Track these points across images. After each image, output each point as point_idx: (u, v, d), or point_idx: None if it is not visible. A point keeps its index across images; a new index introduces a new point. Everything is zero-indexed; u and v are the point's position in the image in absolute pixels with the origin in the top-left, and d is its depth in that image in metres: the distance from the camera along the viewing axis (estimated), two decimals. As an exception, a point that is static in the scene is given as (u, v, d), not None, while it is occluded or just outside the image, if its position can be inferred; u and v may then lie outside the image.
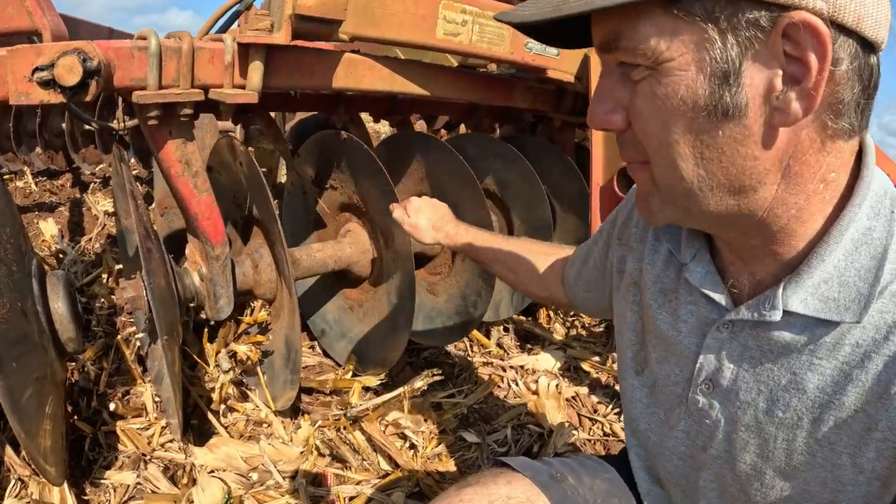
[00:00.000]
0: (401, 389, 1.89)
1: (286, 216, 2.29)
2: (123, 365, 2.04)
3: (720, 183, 0.68)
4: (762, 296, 0.75)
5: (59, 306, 1.65)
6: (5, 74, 1.41)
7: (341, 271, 2.07)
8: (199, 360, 1.92)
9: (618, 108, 0.71)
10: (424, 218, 1.47)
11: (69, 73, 1.37)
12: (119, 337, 2.00)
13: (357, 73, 1.81)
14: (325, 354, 2.24)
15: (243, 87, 1.65)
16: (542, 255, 1.38)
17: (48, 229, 3.04)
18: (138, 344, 1.96)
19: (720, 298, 0.81)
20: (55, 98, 1.42)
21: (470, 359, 2.37)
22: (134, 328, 2.24)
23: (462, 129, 3.03)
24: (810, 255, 0.71)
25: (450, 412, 2.05)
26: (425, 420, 1.99)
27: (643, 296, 0.97)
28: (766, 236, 0.73)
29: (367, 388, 2.02)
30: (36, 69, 1.39)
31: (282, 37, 1.59)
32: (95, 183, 4.06)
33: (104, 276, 2.50)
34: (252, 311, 1.90)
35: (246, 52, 1.61)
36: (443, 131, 3.16)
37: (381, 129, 4.83)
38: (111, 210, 3.40)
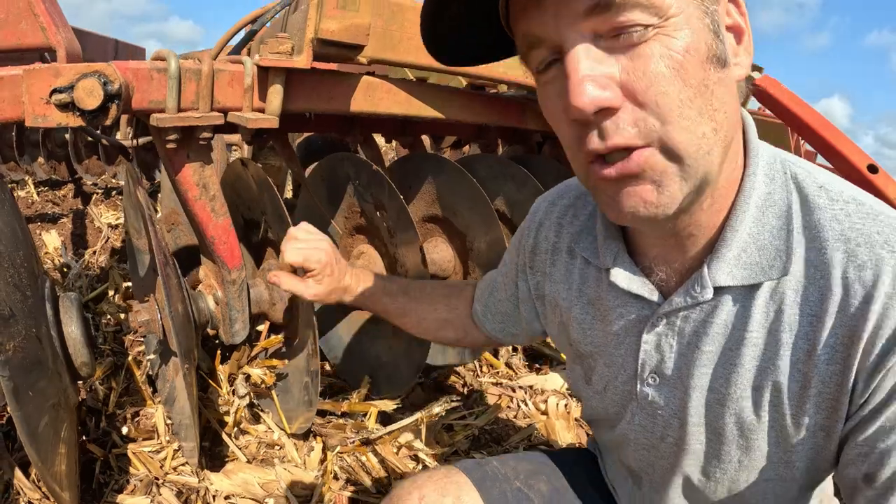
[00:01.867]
0: (418, 415, 1.81)
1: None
2: (132, 385, 1.95)
3: (723, 136, 0.68)
4: (690, 280, 0.77)
5: (72, 330, 1.56)
6: (20, 95, 1.33)
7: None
8: (212, 383, 1.84)
9: (610, 84, 0.64)
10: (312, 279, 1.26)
11: (89, 96, 1.29)
12: (130, 358, 1.91)
13: (375, 97, 1.74)
14: (336, 374, 2.16)
15: (262, 111, 1.58)
16: (444, 297, 1.30)
17: (51, 241, 2.93)
18: (148, 365, 1.87)
19: (650, 294, 0.83)
20: (74, 121, 1.34)
21: (479, 378, 2.30)
22: (142, 347, 2.16)
23: (467, 147, 2.98)
24: (723, 229, 0.74)
25: (461, 433, 1.97)
26: (437, 442, 1.92)
27: (567, 314, 0.98)
28: (705, 208, 0.73)
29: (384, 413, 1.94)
30: (54, 91, 1.31)
31: (303, 60, 1.51)
32: (98, 194, 3.94)
33: (111, 292, 2.41)
34: (265, 333, 1.81)
35: (266, 75, 1.53)
36: (448, 150, 3.10)
37: (384, 147, 4.77)
38: (114, 222, 3.31)
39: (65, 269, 2.64)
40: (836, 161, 1.93)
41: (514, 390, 2.27)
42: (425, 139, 3.12)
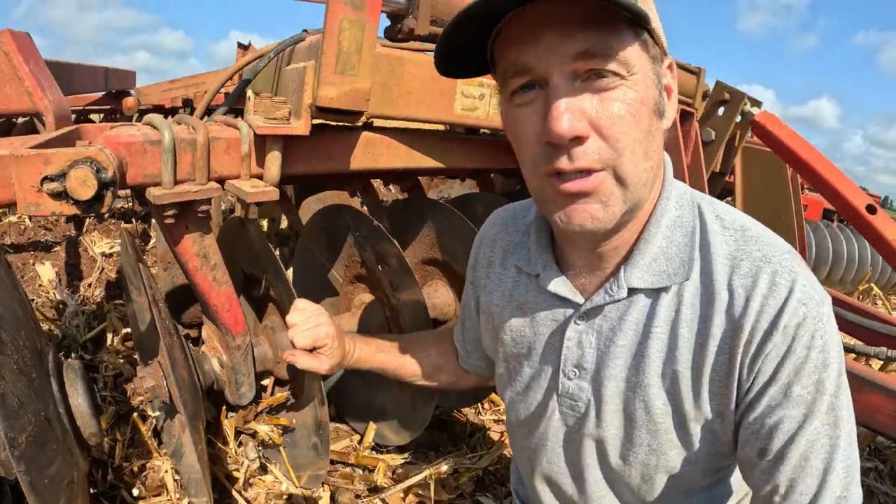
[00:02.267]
0: (426, 471, 1.81)
1: (297, 282, 2.18)
2: (138, 436, 1.93)
3: (656, 174, 0.86)
4: (608, 281, 0.92)
5: (80, 403, 1.53)
6: (9, 177, 1.28)
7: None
8: (218, 444, 1.82)
9: (583, 118, 0.76)
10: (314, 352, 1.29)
11: (83, 186, 1.23)
12: (135, 414, 1.89)
13: (375, 153, 1.69)
14: (341, 419, 2.15)
15: (260, 176, 1.53)
16: (434, 344, 1.39)
17: (45, 273, 2.87)
18: (154, 421, 1.85)
19: (573, 296, 0.96)
20: (69, 210, 1.27)
21: (481, 416, 2.29)
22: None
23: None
24: (638, 241, 0.89)
25: (465, 475, 1.96)
26: (443, 486, 1.92)
27: (499, 319, 1.10)
28: (628, 228, 0.89)
29: (392, 467, 1.93)
30: (45, 178, 1.26)
31: (301, 127, 1.47)
32: (90, 219, 3.85)
33: (109, 335, 2.37)
34: (270, 389, 1.79)
35: (263, 141, 1.49)
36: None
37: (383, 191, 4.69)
38: (108, 251, 3.24)
39: (61, 307, 2.60)
40: (835, 200, 1.91)
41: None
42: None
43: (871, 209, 1.82)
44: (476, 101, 1.76)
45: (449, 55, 0.88)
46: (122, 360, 2.19)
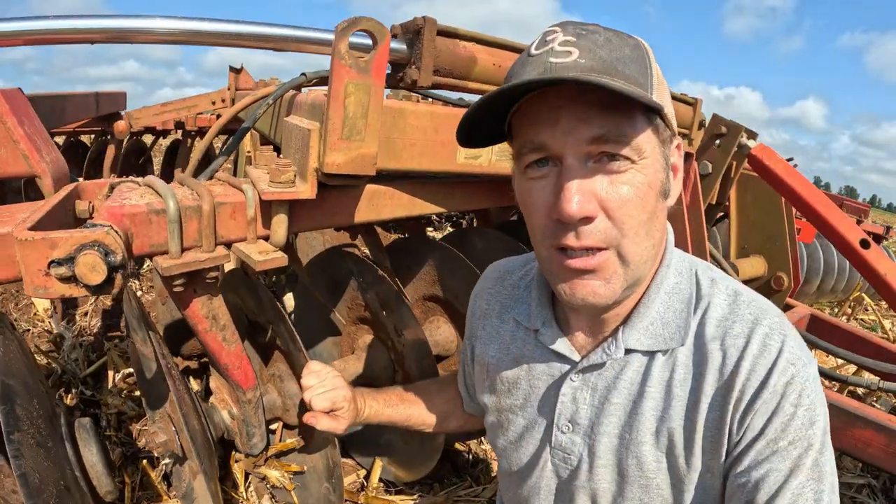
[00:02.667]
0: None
1: (299, 321, 2.18)
2: (146, 479, 1.94)
3: (657, 251, 0.90)
4: (606, 342, 0.95)
5: (95, 462, 1.53)
6: (13, 255, 1.24)
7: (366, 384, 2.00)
8: (230, 492, 1.84)
9: (593, 199, 0.80)
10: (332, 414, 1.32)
11: (92, 272, 1.20)
12: (144, 461, 1.89)
13: (379, 205, 1.69)
14: (346, 453, 2.17)
15: (266, 238, 1.52)
16: (438, 392, 1.42)
17: (40, 302, 2.83)
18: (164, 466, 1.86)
19: (570, 353, 0.99)
20: (78, 292, 1.25)
21: (483, 446, 2.33)
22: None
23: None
24: (637, 306, 0.93)
25: (471, 507, 2.02)
26: (451, 520, 1.96)
27: (494, 372, 1.12)
28: (623, 301, 0.91)
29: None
30: (52, 262, 1.23)
31: (307, 191, 1.45)
32: None
33: (110, 372, 2.35)
34: (279, 435, 1.80)
35: (268, 204, 1.48)
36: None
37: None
38: None
39: (58, 340, 2.57)
40: (829, 234, 1.94)
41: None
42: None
43: (865, 244, 1.86)
44: (478, 149, 1.75)
45: (469, 129, 0.91)
46: (123, 400, 2.18)
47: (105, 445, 1.62)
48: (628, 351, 0.93)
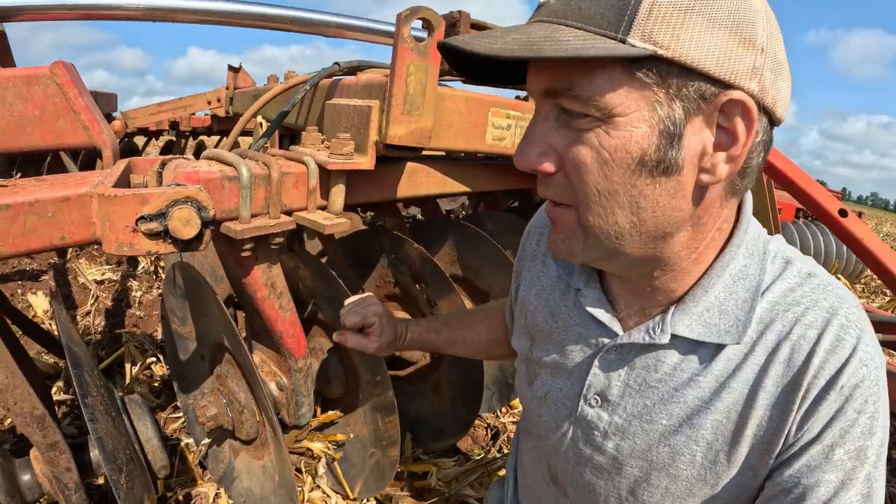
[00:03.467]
0: (477, 473, 1.91)
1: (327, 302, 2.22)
2: (182, 465, 1.91)
3: (648, 230, 0.72)
4: (652, 321, 0.82)
5: (150, 436, 1.54)
6: (90, 216, 1.25)
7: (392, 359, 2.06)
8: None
9: (550, 152, 0.71)
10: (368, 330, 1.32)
11: (186, 226, 1.24)
12: (182, 444, 1.88)
13: (417, 181, 1.79)
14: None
15: (324, 208, 1.59)
16: (483, 320, 1.34)
17: (39, 304, 2.72)
18: (202, 450, 1.85)
19: (611, 323, 0.87)
20: (165, 248, 1.28)
21: (501, 420, 2.40)
22: (177, 423, 2.11)
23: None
24: (695, 286, 0.79)
25: (495, 476, 2.10)
26: (480, 484, 2.03)
27: (532, 318, 1.02)
28: (666, 275, 0.79)
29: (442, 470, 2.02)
30: (141, 218, 1.26)
31: (367, 162, 1.54)
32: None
33: (127, 365, 2.30)
34: (319, 409, 1.84)
35: (327, 174, 1.56)
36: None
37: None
38: (100, 278, 3.10)
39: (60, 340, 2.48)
40: (810, 205, 2.19)
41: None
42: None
43: (843, 213, 2.11)
44: (504, 131, 1.89)
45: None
46: (146, 390, 2.15)
47: (157, 422, 1.62)
48: (675, 337, 0.81)
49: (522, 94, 2.35)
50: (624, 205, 0.70)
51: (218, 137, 4.07)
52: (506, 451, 2.22)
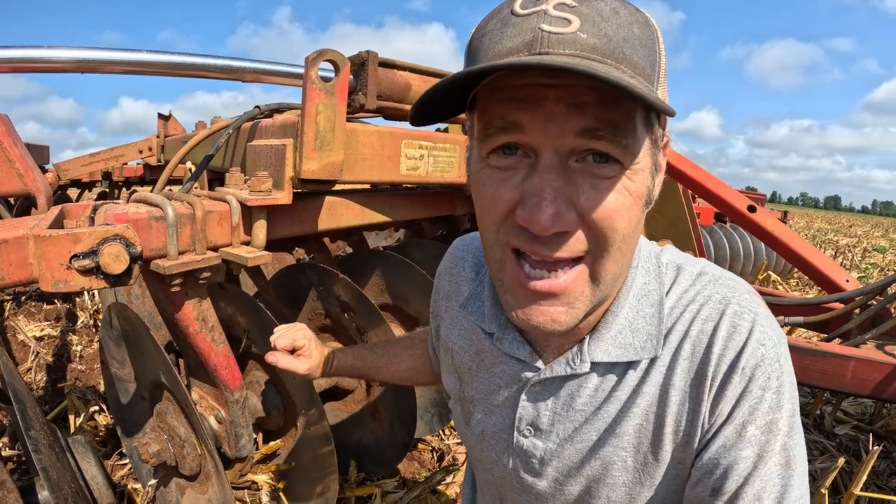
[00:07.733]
0: (419, 489, 2.09)
1: (262, 338, 2.41)
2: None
3: (629, 264, 0.84)
4: (570, 353, 0.89)
5: (95, 474, 1.68)
6: (27, 257, 1.37)
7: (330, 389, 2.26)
8: None
9: (571, 208, 0.70)
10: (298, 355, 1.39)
11: (116, 261, 1.42)
12: (129, 486, 2.01)
13: (336, 214, 2.03)
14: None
15: (247, 243, 1.81)
16: (406, 349, 1.43)
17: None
18: (149, 491, 1.99)
19: (531, 360, 0.93)
20: (97, 285, 1.47)
21: (446, 441, 2.57)
22: (123, 471, 2.23)
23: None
24: (606, 314, 0.87)
25: (444, 494, 2.27)
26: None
27: (458, 358, 1.09)
28: (584, 319, 0.83)
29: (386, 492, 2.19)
30: (74, 256, 1.44)
31: (285, 197, 1.77)
32: (10, 303, 3.74)
33: (71, 416, 2.41)
34: (260, 440, 2.01)
35: (250, 211, 1.78)
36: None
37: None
38: (39, 334, 3.22)
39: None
40: (720, 205, 2.48)
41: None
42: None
43: (752, 208, 2.40)
44: (417, 161, 2.15)
45: (426, 106, 0.76)
46: (91, 439, 2.27)
47: (101, 460, 1.77)
48: (594, 364, 0.88)
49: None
50: (630, 245, 0.77)
51: (151, 186, 4.24)
52: (453, 470, 2.41)
